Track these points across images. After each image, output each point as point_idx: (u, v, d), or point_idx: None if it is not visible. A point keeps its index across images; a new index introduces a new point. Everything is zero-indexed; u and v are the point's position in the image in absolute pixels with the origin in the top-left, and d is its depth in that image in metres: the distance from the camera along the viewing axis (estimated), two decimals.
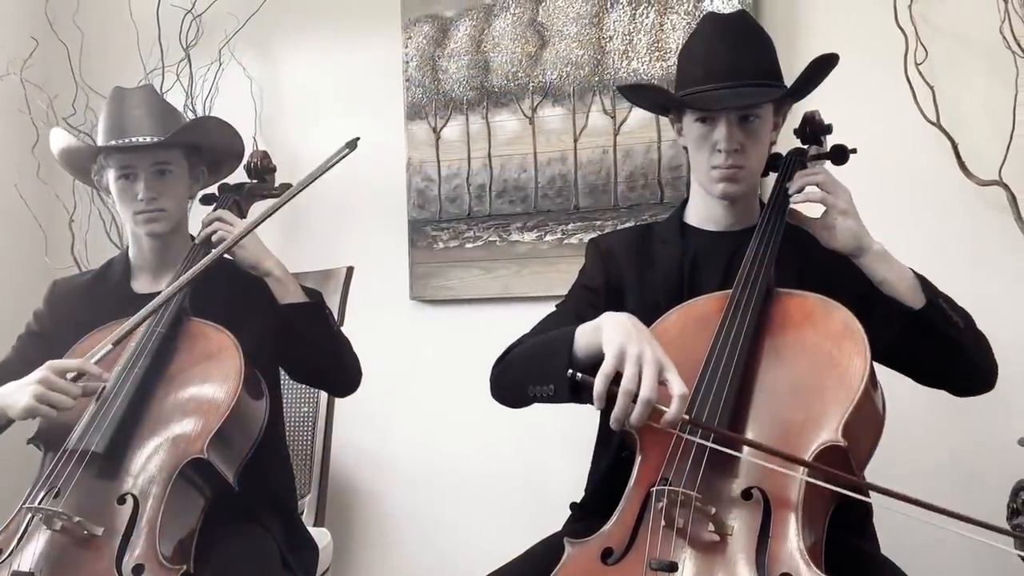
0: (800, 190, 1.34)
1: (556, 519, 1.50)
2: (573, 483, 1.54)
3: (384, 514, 2.44)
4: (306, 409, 2.01)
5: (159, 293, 1.58)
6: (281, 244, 2.43)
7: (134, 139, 1.56)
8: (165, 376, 1.47)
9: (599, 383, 1.14)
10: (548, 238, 2.30)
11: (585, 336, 1.23)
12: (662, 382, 1.14)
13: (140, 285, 1.65)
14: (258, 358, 1.53)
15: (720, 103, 1.33)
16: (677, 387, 1.13)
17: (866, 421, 1.17)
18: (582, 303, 1.45)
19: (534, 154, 2.31)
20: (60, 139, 1.67)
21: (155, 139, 1.56)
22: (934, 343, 1.28)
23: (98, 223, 2.59)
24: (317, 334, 1.56)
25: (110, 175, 1.60)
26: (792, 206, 1.36)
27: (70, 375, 1.39)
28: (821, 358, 1.18)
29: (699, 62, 1.38)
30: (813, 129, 1.51)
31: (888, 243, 1.61)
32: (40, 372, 1.38)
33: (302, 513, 1.90)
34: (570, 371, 1.18)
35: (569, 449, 1.62)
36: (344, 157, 1.48)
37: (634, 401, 1.13)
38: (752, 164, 1.39)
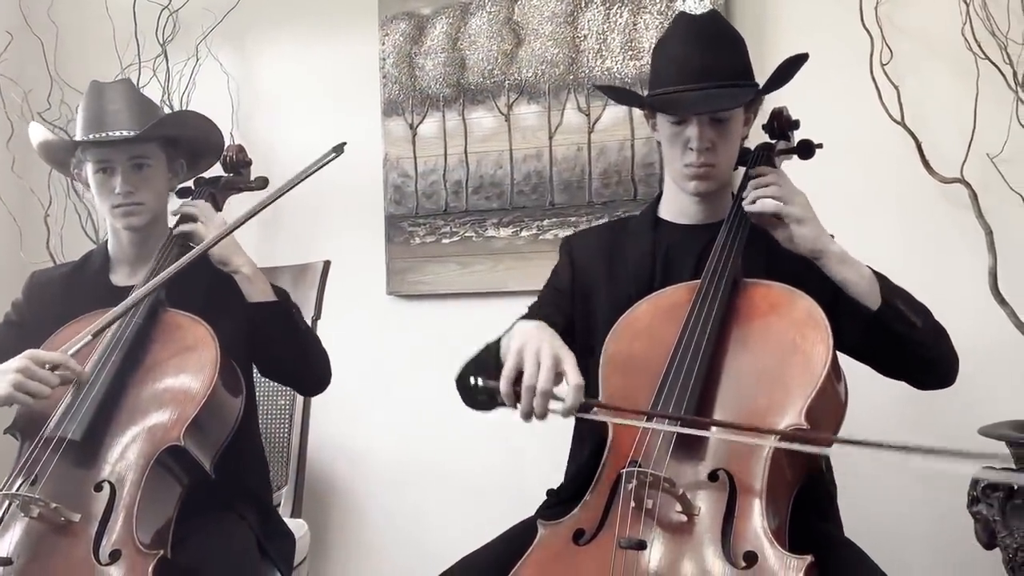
0: (753, 201, 1.36)
1: (534, 510, 1.53)
2: (550, 477, 1.56)
3: (361, 507, 2.45)
4: (283, 402, 2.02)
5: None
6: (258, 239, 2.44)
7: (111, 133, 1.57)
8: (142, 366, 1.48)
9: (502, 384, 1.21)
10: (524, 234, 2.33)
11: (505, 344, 1.28)
12: (560, 373, 1.19)
13: (119, 277, 1.66)
14: (233, 349, 1.55)
15: (691, 106, 1.36)
16: (572, 378, 1.18)
17: (828, 406, 1.21)
18: (548, 305, 1.50)
19: (510, 151, 2.34)
20: (38, 133, 1.68)
21: (132, 133, 1.57)
22: (891, 341, 1.32)
23: (73, 218, 2.58)
24: (284, 334, 1.57)
25: (88, 169, 1.61)
26: (748, 210, 1.38)
27: (48, 366, 1.40)
28: (786, 345, 1.22)
29: (671, 62, 1.41)
30: (781, 124, 1.55)
31: (852, 238, 1.65)
32: (19, 361, 1.39)
33: (278, 505, 1.91)
34: (472, 379, 1.23)
35: (546, 443, 1.64)
36: (330, 161, 1.50)
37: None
38: (723, 162, 1.42)
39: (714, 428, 1.16)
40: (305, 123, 2.51)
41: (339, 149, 1.50)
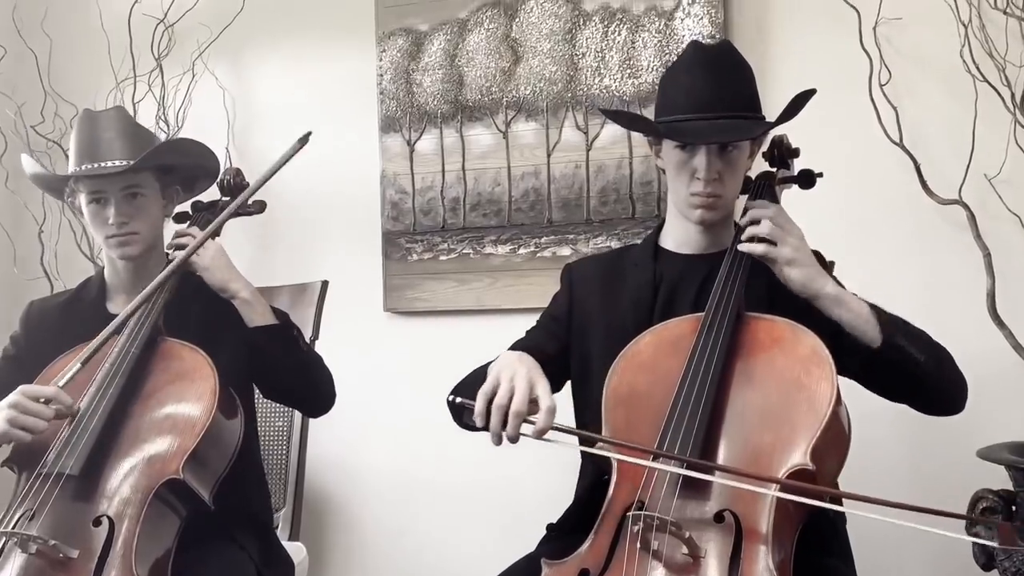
0: (751, 239, 1.36)
1: (531, 530, 1.53)
2: (548, 494, 1.56)
3: (359, 526, 2.45)
4: (281, 423, 2.01)
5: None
6: (254, 256, 2.43)
7: (105, 163, 1.55)
8: (140, 396, 1.47)
9: (478, 402, 1.25)
10: (521, 251, 2.33)
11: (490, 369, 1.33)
12: (534, 399, 1.23)
13: (116, 306, 1.64)
14: (233, 376, 1.54)
15: (701, 135, 1.36)
16: (545, 402, 1.23)
17: (833, 444, 1.21)
18: (544, 333, 1.52)
19: (508, 168, 2.33)
20: (30, 166, 1.67)
21: (125, 163, 1.56)
22: (895, 376, 1.32)
23: (68, 234, 2.56)
24: (286, 356, 1.57)
25: (82, 199, 1.60)
26: (739, 250, 1.37)
27: (42, 400, 1.39)
28: (790, 383, 1.22)
29: (682, 90, 1.40)
30: (781, 153, 1.55)
31: (850, 259, 1.66)
32: (12, 397, 1.38)
33: (277, 527, 1.90)
34: (450, 396, 1.28)
35: (544, 460, 1.65)
36: (296, 152, 1.53)
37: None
38: (729, 192, 1.42)
39: (718, 473, 1.15)
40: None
41: (304, 139, 1.53)
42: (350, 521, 2.45)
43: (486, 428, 1.25)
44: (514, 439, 1.23)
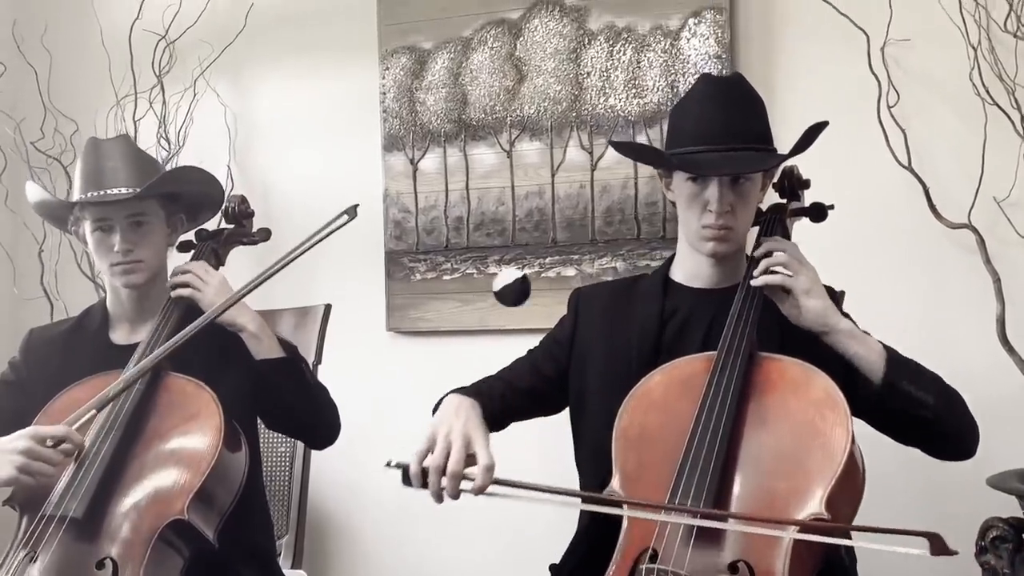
0: (764, 271, 1.35)
1: (537, 554, 1.52)
2: (553, 516, 1.54)
3: (362, 550, 2.43)
4: (283, 449, 2.00)
5: (137, 344, 1.57)
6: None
7: (109, 191, 1.54)
8: (144, 435, 1.46)
9: (412, 463, 1.24)
10: (526, 271, 2.31)
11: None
12: (471, 455, 1.22)
13: (118, 335, 1.63)
14: (237, 408, 1.52)
15: (713, 166, 1.35)
16: (483, 459, 1.23)
17: (848, 490, 1.19)
18: (543, 355, 1.52)
19: (512, 187, 2.31)
20: (34, 193, 1.65)
21: (130, 191, 1.54)
22: (902, 420, 1.31)
23: (68, 253, 2.54)
24: (293, 389, 1.56)
25: (86, 227, 1.58)
26: (754, 284, 1.36)
27: (51, 441, 1.37)
28: (804, 427, 1.21)
29: (692, 122, 1.40)
30: (792, 184, 1.54)
31: (859, 284, 1.65)
32: (22, 441, 1.36)
33: (280, 555, 1.89)
34: (387, 461, 1.26)
35: (549, 482, 1.63)
36: (343, 225, 1.49)
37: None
38: (741, 224, 1.41)
39: (731, 520, 1.13)
40: (304, 157, 2.48)
41: (352, 212, 1.48)
42: (353, 546, 2.44)
43: (425, 487, 1.23)
44: (455, 497, 1.23)
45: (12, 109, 2.59)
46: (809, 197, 1.60)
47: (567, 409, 1.52)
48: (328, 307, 2.00)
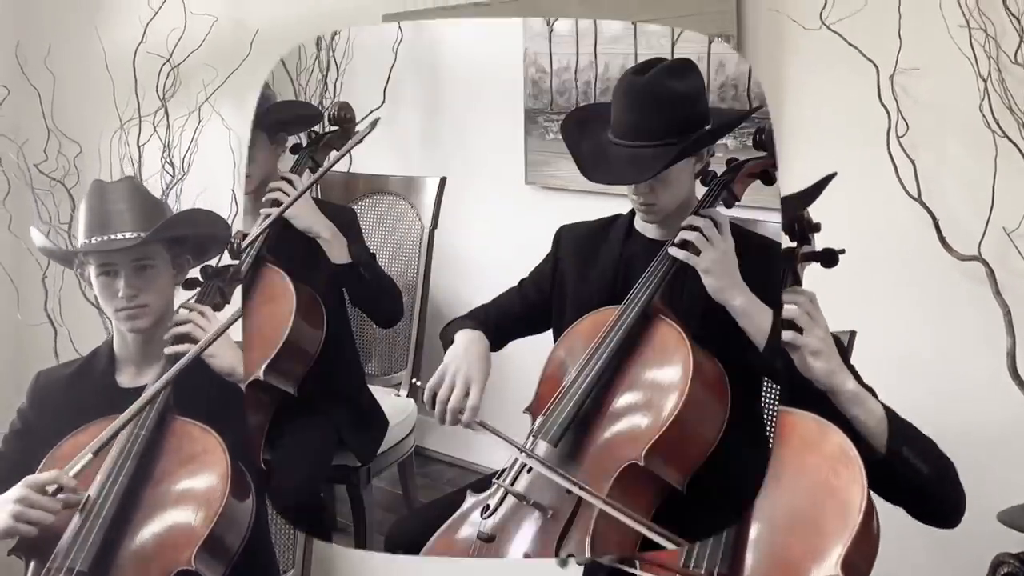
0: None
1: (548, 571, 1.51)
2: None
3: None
4: None
5: (144, 387, 1.56)
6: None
7: (114, 236, 1.53)
8: (150, 481, 1.45)
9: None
10: None
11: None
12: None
13: (125, 378, 1.62)
14: (246, 449, 1.52)
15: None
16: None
17: (865, 548, 1.18)
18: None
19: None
20: (38, 239, 1.66)
21: (135, 235, 1.54)
22: (893, 485, 1.29)
23: (72, 280, 2.53)
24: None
25: (91, 271, 1.58)
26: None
27: (49, 489, 1.36)
28: (819, 486, 1.19)
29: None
30: (802, 227, 1.52)
31: (866, 316, 1.64)
32: (17, 490, 1.35)
33: None
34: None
35: None
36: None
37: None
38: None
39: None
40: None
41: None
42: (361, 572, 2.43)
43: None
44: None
45: (15, 131, 2.59)
46: (818, 237, 1.59)
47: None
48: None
